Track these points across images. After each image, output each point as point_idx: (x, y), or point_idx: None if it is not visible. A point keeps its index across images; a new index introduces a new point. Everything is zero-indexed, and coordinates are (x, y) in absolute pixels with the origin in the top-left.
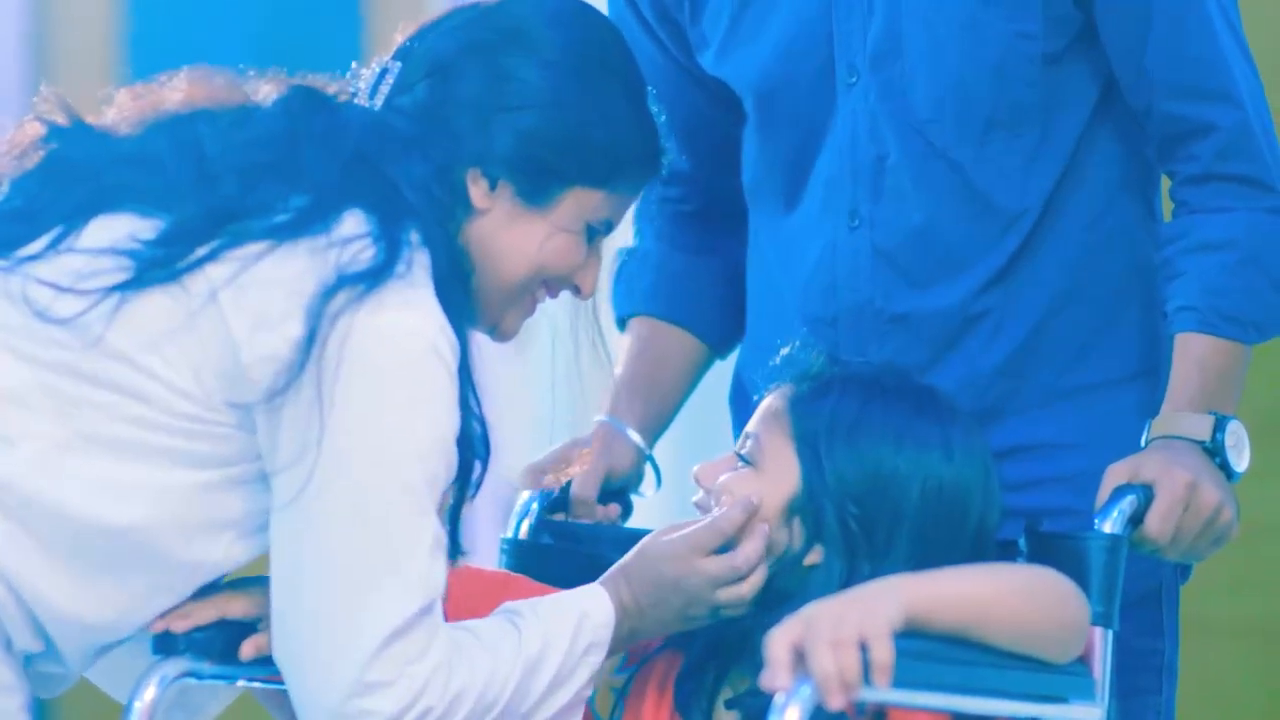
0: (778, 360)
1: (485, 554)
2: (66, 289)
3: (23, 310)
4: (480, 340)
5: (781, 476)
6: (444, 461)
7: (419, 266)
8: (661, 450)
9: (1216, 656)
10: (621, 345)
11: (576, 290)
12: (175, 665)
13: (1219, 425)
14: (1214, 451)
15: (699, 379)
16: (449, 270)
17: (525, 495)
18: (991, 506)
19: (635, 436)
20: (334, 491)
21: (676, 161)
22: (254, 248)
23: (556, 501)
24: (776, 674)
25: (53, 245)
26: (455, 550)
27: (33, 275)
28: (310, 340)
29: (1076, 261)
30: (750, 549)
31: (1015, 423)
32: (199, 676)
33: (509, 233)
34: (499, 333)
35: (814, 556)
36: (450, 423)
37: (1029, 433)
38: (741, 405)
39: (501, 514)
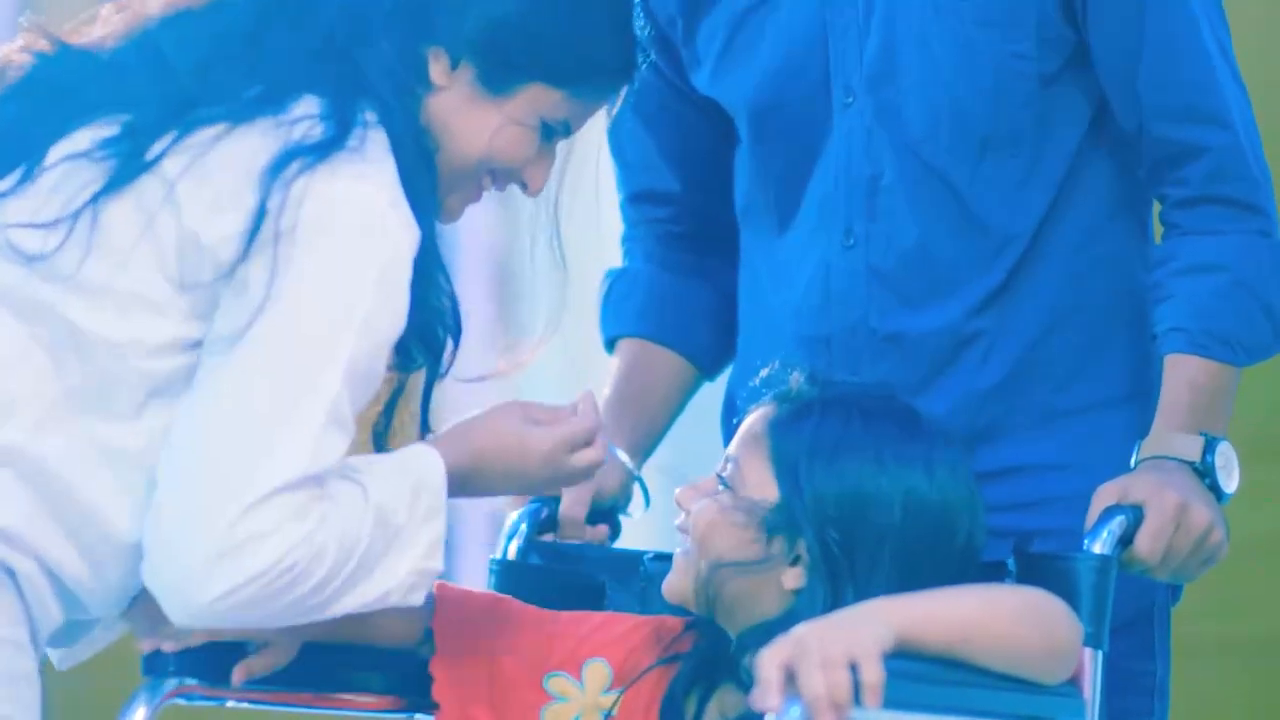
0: (758, 381)
1: (476, 575)
2: (41, 225)
3: (9, 257)
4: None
5: (761, 503)
6: (379, 339)
7: (375, 144)
8: (650, 470)
9: (1205, 677)
10: (610, 366)
11: (524, 186)
12: (165, 685)
13: (1209, 446)
14: (1204, 472)
15: (687, 400)
16: (411, 148)
17: (514, 515)
18: (977, 525)
19: (623, 457)
20: (262, 341)
21: (666, 183)
22: (208, 132)
23: (545, 522)
24: (767, 694)
25: (26, 175)
26: (425, 429)
27: (7, 214)
28: (262, 208)
29: (1069, 283)
30: (585, 408)
31: (1007, 444)
32: (189, 698)
33: (463, 116)
34: (442, 214)
35: (793, 580)
36: (393, 305)
37: (1021, 454)
38: (732, 425)
39: (491, 534)
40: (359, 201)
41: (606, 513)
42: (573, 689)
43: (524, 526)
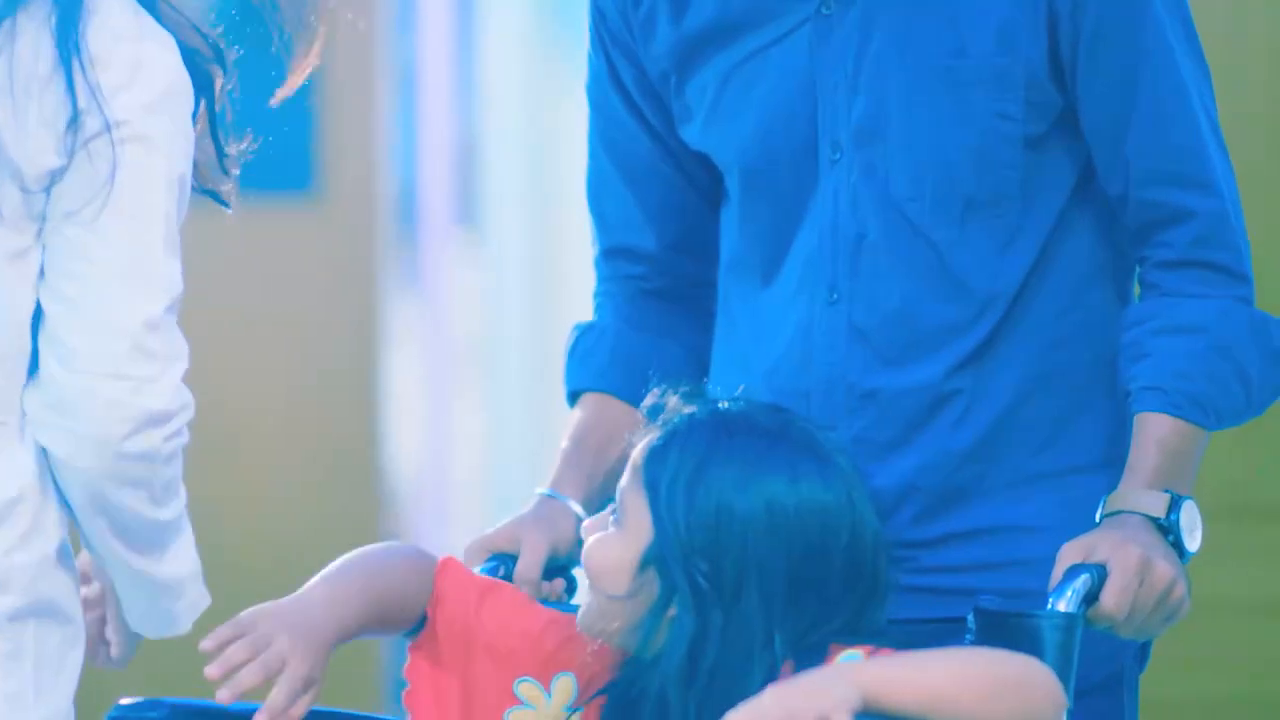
0: (644, 407)
1: None
2: None
3: None
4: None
5: (638, 532)
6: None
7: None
8: None
9: None
10: (570, 418)
11: None
12: None
13: (1174, 504)
14: (1168, 529)
15: None
16: None
17: (475, 570)
18: (862, 531)
19: (578, 509)
20: (114, 187)
21: (644, 242)
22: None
23: (503, 579)
24: None
25: None
26: (224, 204)
27: None
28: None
29: (1049, 346)
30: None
31: (982, 505)
32: None
33: None
34: None
35: (673, 610)
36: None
37: (995, 515)
38: None
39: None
40: (150, 57)
41: (562, 568)
42: (540, 698)
43: None
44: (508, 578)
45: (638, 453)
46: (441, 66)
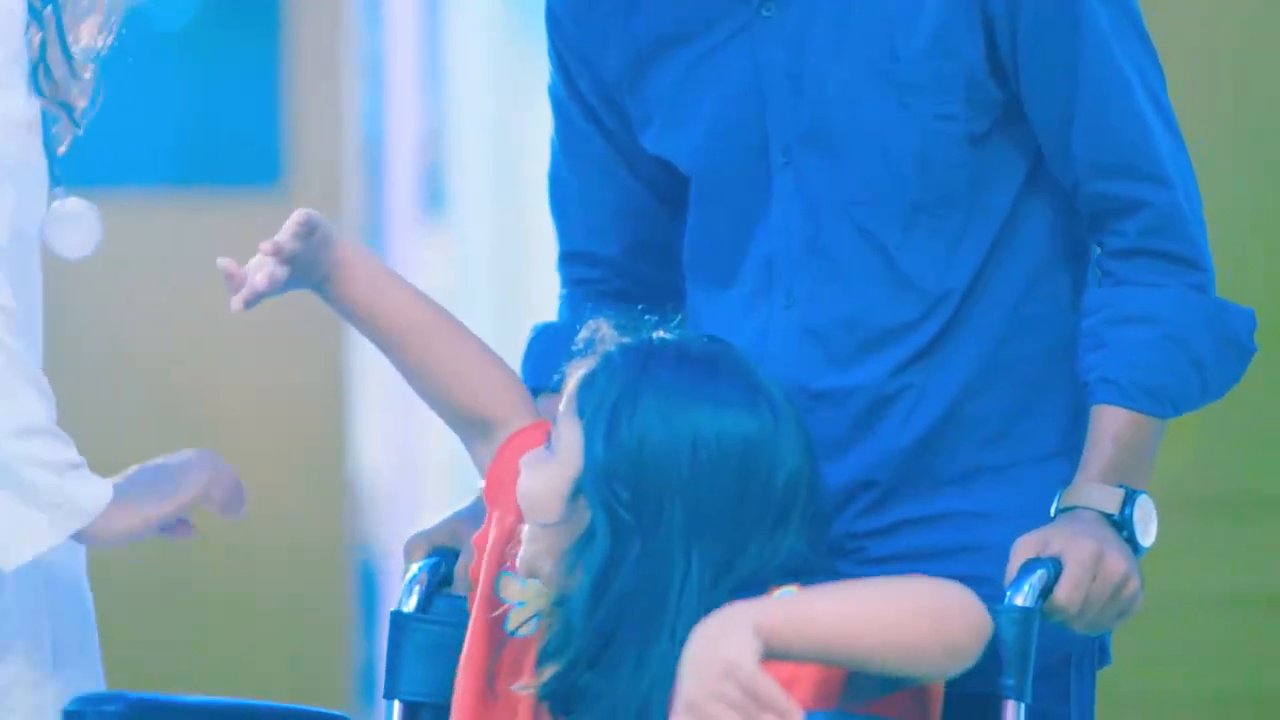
0: (580, 341)
1: None
2: None
3: None
4: None
5: (569, 460)
6: None
7: None
8: None
9: None
10: None
11: None
12: None
13: (1129, 498)
14: (1122, 524)
15: None
16: None
17: (412, 569)
18: (786, 460)
19: None
20: None
21: (605, 247)
22: None
23: (444, 576)
24: None
25: None
26: (75, 123)
27: None
28: None
29: (1001, 340)
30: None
31: (932, 495)
32: None
33: None
34: None
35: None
36: None
37: (945, 504)
38: None
39: None
40: None
41: None
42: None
43: (424, 579)
44: (448, 574)
45: (572, 381)
46: (408, 58)
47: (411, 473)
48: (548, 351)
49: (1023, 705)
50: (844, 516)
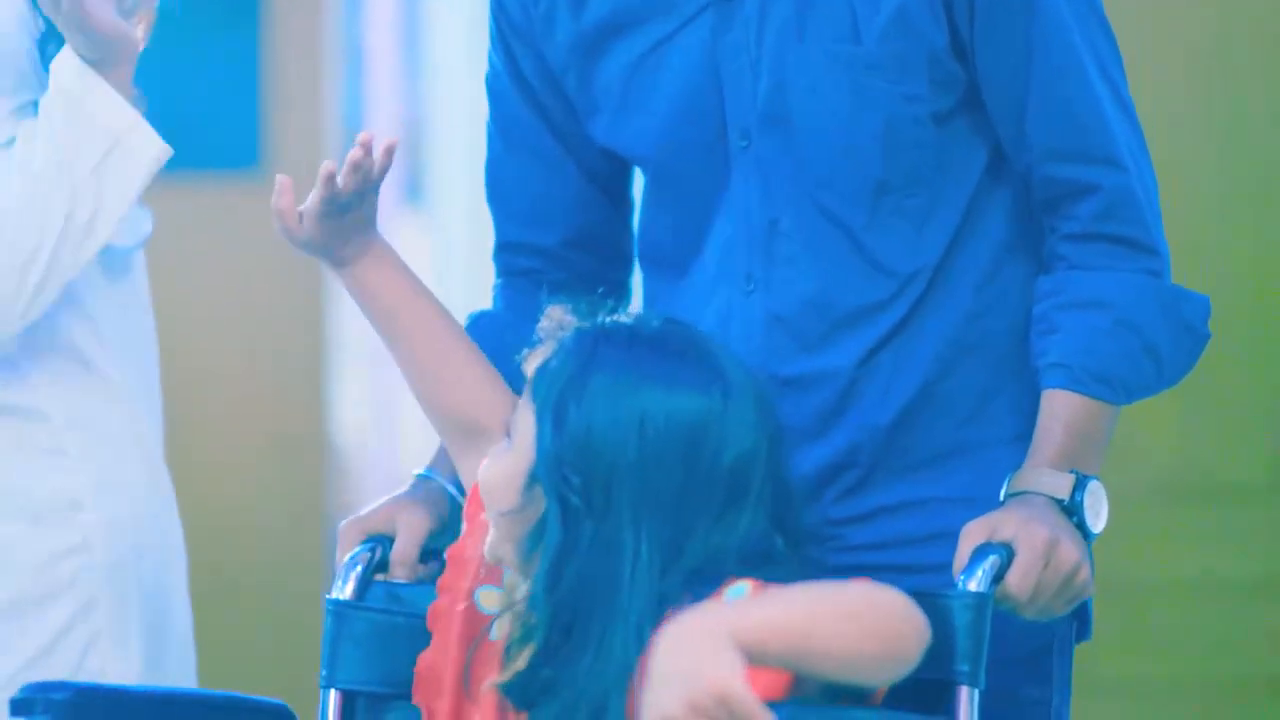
0: (539, 332)
1: None
2: None
3: None
4: None
5: (524, 447)
6: None
7: None
8: None
9: (1104, 716)
10: None
11: None
12: None
13: (1079, 484)
14: (1072, 510)
15: None
16: None
17: (346, 556)
18: (736, 440)
19: (455, 492)
20: None
21: (544, 237)
22: None
23: (380, 562)
24: None
25: None
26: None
27: None
28: None
29: (969, 318)
30: None
31: (908, 480)
32: None
33: None
34: None
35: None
36: None
37: (921, 489)
38: None
39: None
40: None
41: (437, 551)
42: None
43: (360, 566)
44: (384, 560)
45: (529, 369)
46: (389, 44)
47: (389, 447)
48: (480, 340)
49: (976, 691)
50: (821, 502)
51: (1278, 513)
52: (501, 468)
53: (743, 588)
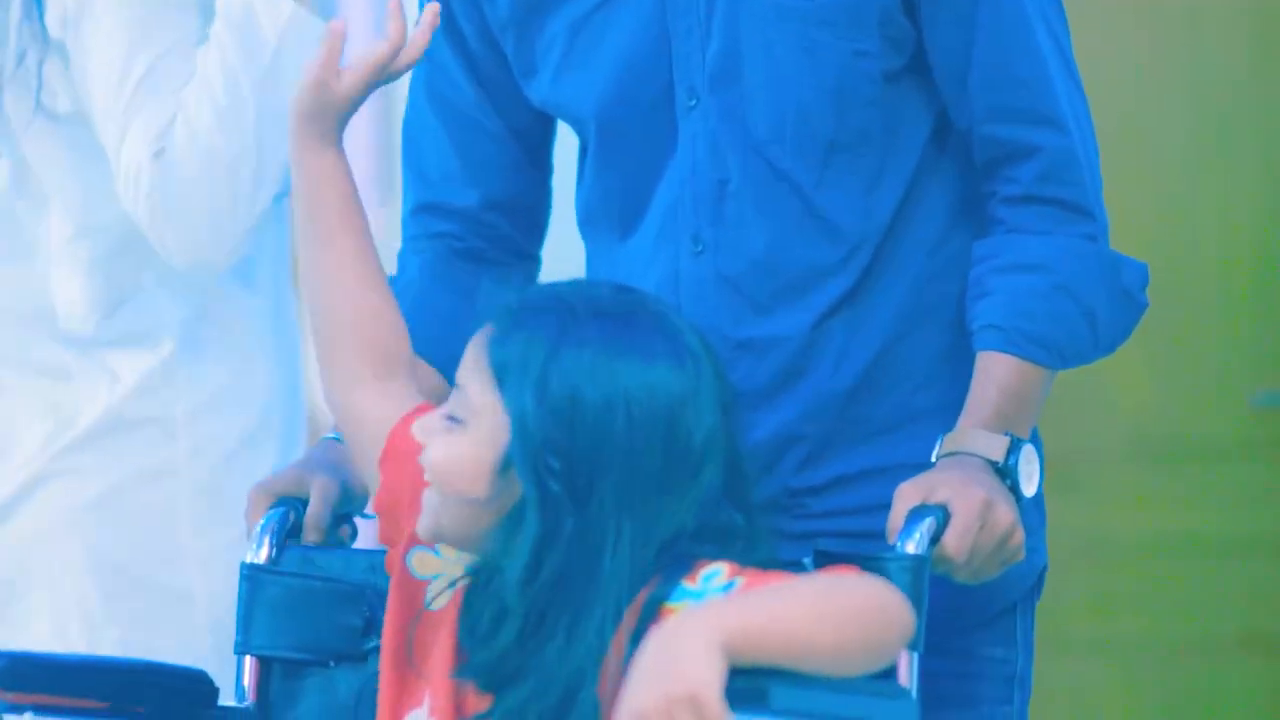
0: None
1: None
2: None
3: None
4: None
5: (490, 428)
6: None
7: None
8: None
9: (1083, 675)
10: None
11: None
12: None
13: (1013, 447)
14: (1005, 473)
15: None
16: None
17: (259, 520)
18: (709, 412)
19: None
20: None
21: (462, 198)
22: None
23: (293, 527)
24: None
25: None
26: None
27: None
28: None
29: (922, 282)
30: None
31: (867, 447)
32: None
33: None
34: None
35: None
36: None
37: (881, 456)
38: None
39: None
40: None
41: (347, 515)
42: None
43: (272, 531)
44: (298, 523)
45: (477, 344)
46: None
47: None
48: (402, 303)
49: (915, 655)
50: (780, 472)
51: (1250, 472)
52: (461, 451)
53: (718, 570)
